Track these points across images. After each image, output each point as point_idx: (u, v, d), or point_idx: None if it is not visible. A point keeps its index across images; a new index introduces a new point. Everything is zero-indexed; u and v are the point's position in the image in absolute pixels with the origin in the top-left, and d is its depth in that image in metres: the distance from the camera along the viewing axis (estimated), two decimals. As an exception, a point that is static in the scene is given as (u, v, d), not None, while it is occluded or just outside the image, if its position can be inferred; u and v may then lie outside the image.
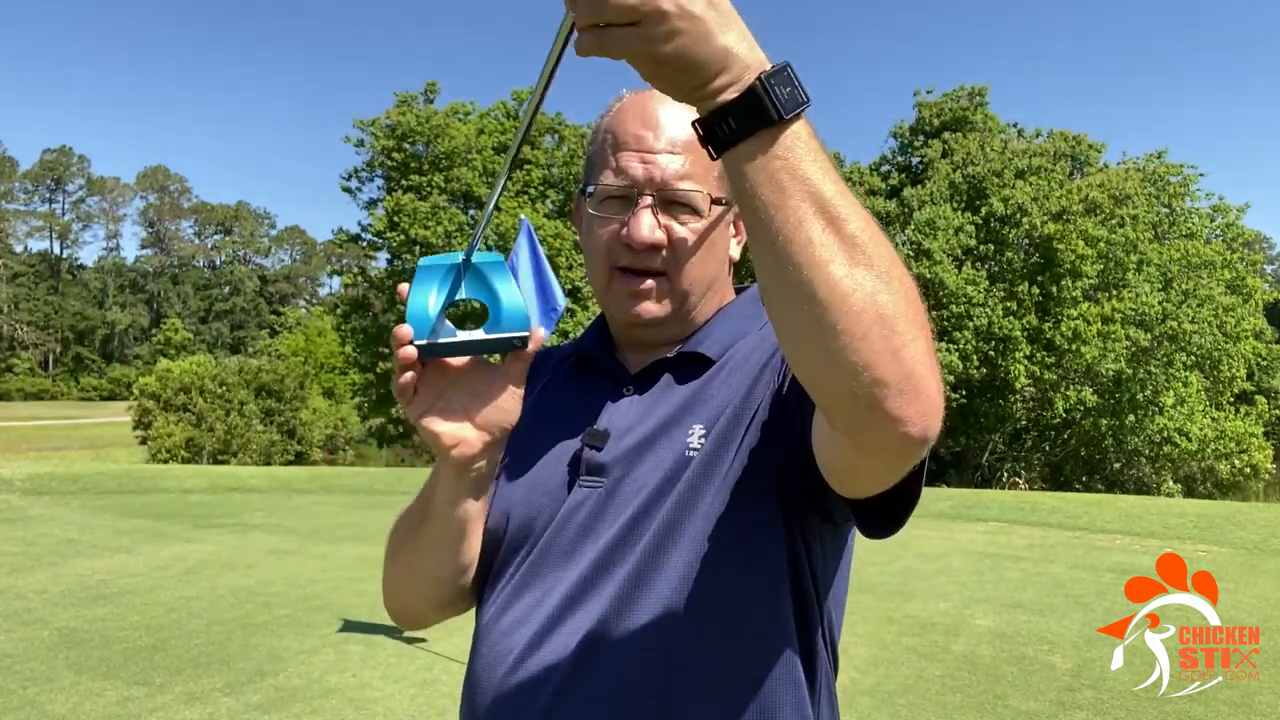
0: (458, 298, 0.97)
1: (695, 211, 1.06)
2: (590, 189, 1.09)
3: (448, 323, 0.95)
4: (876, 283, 0.71)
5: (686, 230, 1.06)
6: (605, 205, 1.07)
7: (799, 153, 0.70)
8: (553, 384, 1.20)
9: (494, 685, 1.02)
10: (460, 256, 0.96)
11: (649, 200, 1.04)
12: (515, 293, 0.97)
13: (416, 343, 0.93)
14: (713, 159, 0.74)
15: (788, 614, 1.01)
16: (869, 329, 0.70)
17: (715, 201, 1.07)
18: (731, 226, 1.14)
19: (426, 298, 0.95)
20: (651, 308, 1.07)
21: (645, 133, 1.05)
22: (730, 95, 0.70)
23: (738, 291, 1.19)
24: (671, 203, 1.05)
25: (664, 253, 1.06)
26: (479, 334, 0.96)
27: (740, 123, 0.70)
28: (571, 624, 1.00)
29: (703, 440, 1.02)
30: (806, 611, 1.03)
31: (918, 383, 0.72)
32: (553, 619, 1.01)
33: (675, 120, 1.06)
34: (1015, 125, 25.76)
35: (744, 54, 0.70)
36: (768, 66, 0.70)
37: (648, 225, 1.03)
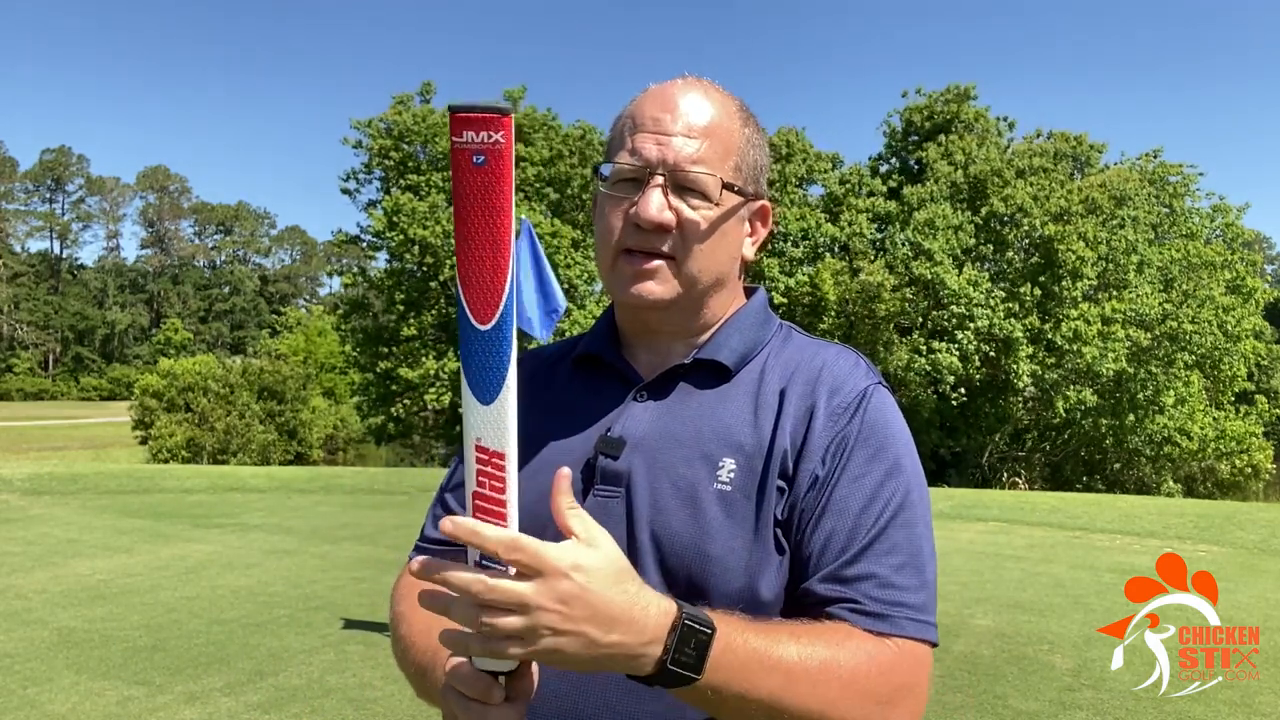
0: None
1: (707, 197, 1.03)
2: (605, 170, 1.07)
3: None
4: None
5: (697, 215, 1.03)
6: (618, 186, 1.05)
7: (736, 655, 0.83)
8: (553, 385, 1.16)
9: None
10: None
11: (660, 180, 1.02)
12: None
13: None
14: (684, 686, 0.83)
15: None
16: None
17: (728, 187, 1.04)
18: (747, 224, 1.11)
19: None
20: (654, 288, 1.04)
21: (663, 115, 1.04)
22: (662, 650, 0.80)
23: (746, 292, 1.17)
24: (683, 187, 1.03)
25: (673, 235, 1.03)
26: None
27: (698, 653, 0.81)
28: None
29: (732, 475, 1.00)
30: None
31: None
32: None
33: (695, 107, 1.04)
34: (1006, 119, 25.72)
35: (652, 616, 0.80)
36: (675, 611, 0.81)
37: (656, 205, 1.01)
